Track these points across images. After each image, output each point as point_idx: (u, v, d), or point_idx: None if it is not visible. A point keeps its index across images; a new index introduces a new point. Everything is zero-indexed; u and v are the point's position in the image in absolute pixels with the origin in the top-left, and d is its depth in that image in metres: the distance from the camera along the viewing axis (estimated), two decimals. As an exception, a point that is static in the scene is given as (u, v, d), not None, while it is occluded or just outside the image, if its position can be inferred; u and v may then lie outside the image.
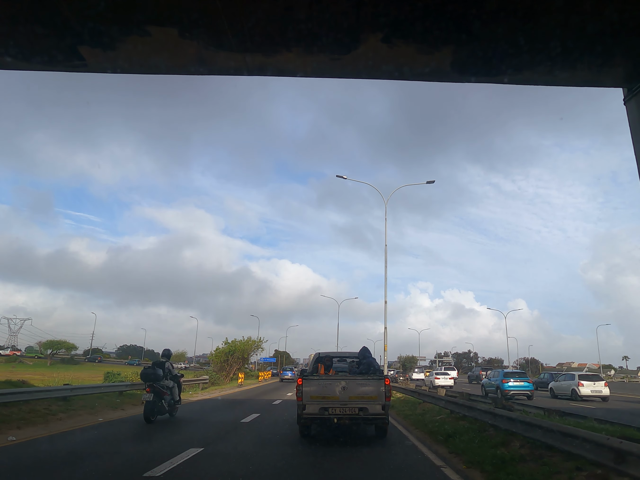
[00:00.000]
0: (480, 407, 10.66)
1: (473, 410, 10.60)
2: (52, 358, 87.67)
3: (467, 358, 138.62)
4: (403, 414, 14.35)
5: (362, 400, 8.83)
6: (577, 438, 5.91)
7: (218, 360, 43.71)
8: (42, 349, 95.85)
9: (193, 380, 27.86)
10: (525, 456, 6.82)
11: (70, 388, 13.97)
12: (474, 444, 8.00)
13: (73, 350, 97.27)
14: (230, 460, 7.42)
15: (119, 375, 20.83)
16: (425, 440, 9.66)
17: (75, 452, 7.81)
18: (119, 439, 9.73)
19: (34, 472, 6.52)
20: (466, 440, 8.32)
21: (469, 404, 11.38)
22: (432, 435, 9.84)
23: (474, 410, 10.50)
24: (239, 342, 44.92)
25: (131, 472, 6.48)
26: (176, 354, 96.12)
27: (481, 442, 8.09)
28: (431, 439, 9.59)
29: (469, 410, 10.85)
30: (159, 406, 12.05)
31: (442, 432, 9.60)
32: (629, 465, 4.90)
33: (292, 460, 7.54)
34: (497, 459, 6.66)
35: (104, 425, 11.37)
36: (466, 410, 11.01)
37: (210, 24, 4.73)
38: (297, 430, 9.70)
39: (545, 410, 11.48)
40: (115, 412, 13.87)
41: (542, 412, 11.43)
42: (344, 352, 14.31)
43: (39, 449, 8.28)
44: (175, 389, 13.12)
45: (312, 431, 9.65)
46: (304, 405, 8.88)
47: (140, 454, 7.91)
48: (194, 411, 15.55)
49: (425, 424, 11.45)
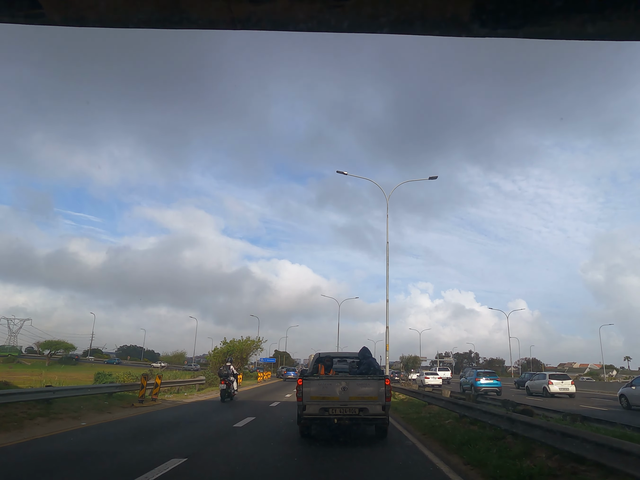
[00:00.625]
0: (494, 411, 9.75)
1: (487, 414, 9.69)
2: (51, 358, 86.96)
3: (468, 358, 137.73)
4: (408, 417, 13.44)
5: (363, 401, 8.71)
6: (621, 452, 4.99)
7: (216, 361, 42.91)
8: (40, 349, 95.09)
9: (189, 381, 26.98)
10: (555, 470, 5.91)
11: (53, 390, 13.05)
12: (492, 453, 7.10)
13: (72, 350, 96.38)
14: (216, 474, 6.51)
15: (109, 376, 19.92)
16: (434, 446, 8.74)
17: (35, 464, 6.88)
18: (97, 446, 8.80)
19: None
20: (482, 450, 7.41)
21: (484, 408, 10.47)
22: (443, 443, 8.89)
23: (488, 414, 9.59)
24: (237, 342, 44.12)
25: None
26: (175, 354, 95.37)
27: (500, 452, 7.18)
28: (441, 447, 8.65)
29: (481, 414, 9.95)
30: (228, 392, 19.26)
31: (454, 439, 8.68)
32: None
33: (292, 470, 6.64)
34: (523, 474, 5.74)
35: (87, 430, 10.47)
36: (478, 414, 10.11)
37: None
38: (296, 436, 8.82)
39: (565, 414, 10.55)
40: (101, 416, 12.98)
41: (561, 416, 10.50)
42: (344, 353, 13.94)
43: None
44: (234, 382, 20.02)
45: (312, 431, 9.50)
46: (304, 405, 8.75)
47: (115, 467, 6.96)
48: (185, 414, 14.65)
49: (433, 428, 10.54)
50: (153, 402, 17.20)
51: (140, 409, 15.07)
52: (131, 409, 14.90)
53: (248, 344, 44.69)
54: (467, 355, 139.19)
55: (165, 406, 16.47)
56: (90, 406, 13.91)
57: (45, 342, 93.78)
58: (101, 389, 16.22)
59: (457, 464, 7.20)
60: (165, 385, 22.13)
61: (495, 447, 7.57)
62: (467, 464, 7.04)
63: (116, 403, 15.62)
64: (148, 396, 17.56)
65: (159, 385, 17.72)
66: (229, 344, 43.48)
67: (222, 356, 42.71)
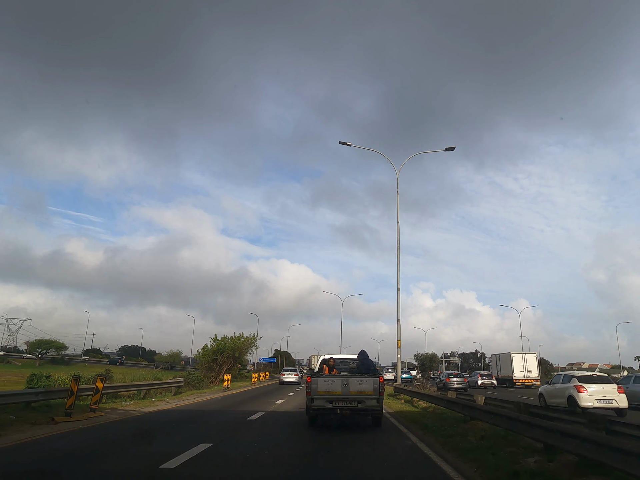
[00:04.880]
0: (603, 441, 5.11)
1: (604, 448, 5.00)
2: (42, 358, 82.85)
3: (474, 358, 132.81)
4: (454, 444, 8.47)
5: (361, 395, 10.19)
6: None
7: (205, 360, 38.38)
8: (29, 348, 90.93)
9: (162, 383, 22.37)
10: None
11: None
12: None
13: (63, 349, 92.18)
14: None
15: (47, 378, 15.35)
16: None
17: None
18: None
19: None
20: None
21: (581, 434, 5.82)
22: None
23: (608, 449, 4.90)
24: (229, 340, 39.50)
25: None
26: (170, 353, 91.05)
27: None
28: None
29: (581, 444, 5.28)
30: None
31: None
32: None
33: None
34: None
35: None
36: (576, 444, 5.46)
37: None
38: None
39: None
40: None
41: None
42: (345, 356, 15.39)
43: None
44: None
45: (318, 421, 11.08)
46: (312, 399, 10.29)
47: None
48: (93, 444, 10.04)
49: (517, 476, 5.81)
50: (92, 414, 12.65)
51: (60, 426, 10.51)
52: (44, 427, 10.33)
53: (241, 342, 40.04)
54: (473, 355, 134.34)
55: (101, 421, 11.85)
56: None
57: (35, 342, 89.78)
58: (13, 397, 11.64)
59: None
60: (122, 389, 17.54)
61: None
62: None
63: (31, 418, 11.07)
64: (89, 404, 13.06)
65: (101, 390, 13.14)
66: (219, 341, 38.86)
67: (213, 355, 38.27)
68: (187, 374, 30.15)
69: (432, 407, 15.57)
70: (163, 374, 30.83)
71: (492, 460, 6.74)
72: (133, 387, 18.36)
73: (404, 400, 19.99)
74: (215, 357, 37.65)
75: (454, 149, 30.00)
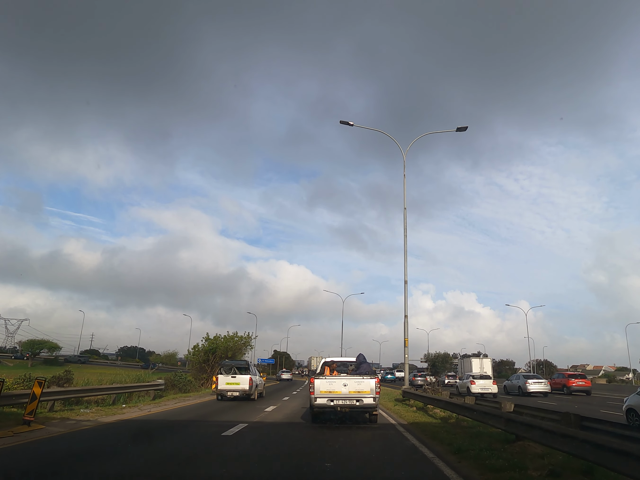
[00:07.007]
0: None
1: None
2: (34, 359, 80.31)
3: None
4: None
5: (359, 394, 11.22)
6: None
7: (196, 360, 35.61)
8: (22, 349, 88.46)
9: (138, 385, 19.59)
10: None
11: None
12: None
13: (56, 350, 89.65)
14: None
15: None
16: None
17: None
18: None
19: None
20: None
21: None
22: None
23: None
24: (222, 339, 36.71)
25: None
26: (166, 354, 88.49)
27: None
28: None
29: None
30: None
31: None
32: None
33: None
34: None
35: None
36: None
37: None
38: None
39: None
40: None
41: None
42: (344, 358, 15.63)
43: None
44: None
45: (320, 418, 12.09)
46: (315, 397, 11.25)
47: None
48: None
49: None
50: (25, 428, 9.92)
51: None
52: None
53: (235, 341, 37.26)
54: (476, 357, 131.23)
55: (26, 439, 9.04)
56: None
57: (28, 342, 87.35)
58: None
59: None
60: (79, 394, 14.76)
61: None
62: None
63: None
64: (48, 412, 10.41)
65: (38, 397, 10.38)
66: (212, 340, 36.08)
67: (204, 355, 35.50)
68: (173, 376, 27.44)
69: (454, 417, 12.74)
70: (156, 376, 28.01)
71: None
72: (94, 392, 15.57)
73: (415, 407, 17.18)
74: (207, 357, 34.90)
75: (466, 129, 27.40)
